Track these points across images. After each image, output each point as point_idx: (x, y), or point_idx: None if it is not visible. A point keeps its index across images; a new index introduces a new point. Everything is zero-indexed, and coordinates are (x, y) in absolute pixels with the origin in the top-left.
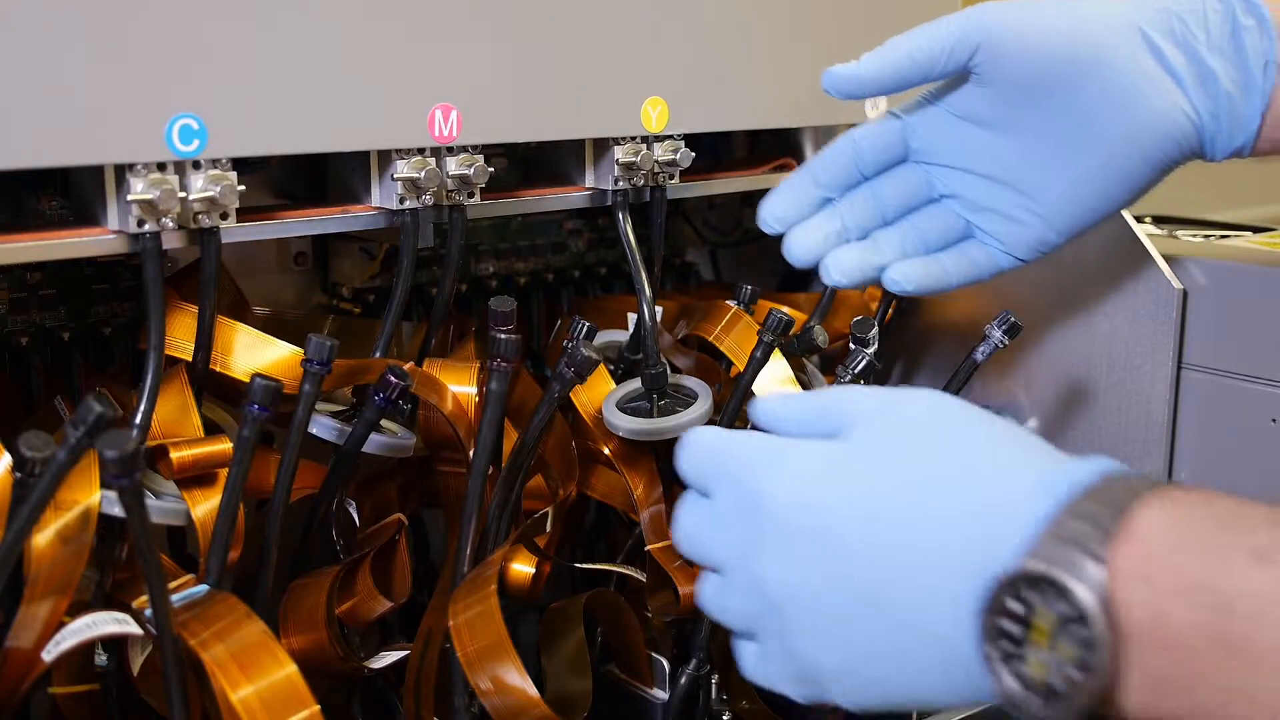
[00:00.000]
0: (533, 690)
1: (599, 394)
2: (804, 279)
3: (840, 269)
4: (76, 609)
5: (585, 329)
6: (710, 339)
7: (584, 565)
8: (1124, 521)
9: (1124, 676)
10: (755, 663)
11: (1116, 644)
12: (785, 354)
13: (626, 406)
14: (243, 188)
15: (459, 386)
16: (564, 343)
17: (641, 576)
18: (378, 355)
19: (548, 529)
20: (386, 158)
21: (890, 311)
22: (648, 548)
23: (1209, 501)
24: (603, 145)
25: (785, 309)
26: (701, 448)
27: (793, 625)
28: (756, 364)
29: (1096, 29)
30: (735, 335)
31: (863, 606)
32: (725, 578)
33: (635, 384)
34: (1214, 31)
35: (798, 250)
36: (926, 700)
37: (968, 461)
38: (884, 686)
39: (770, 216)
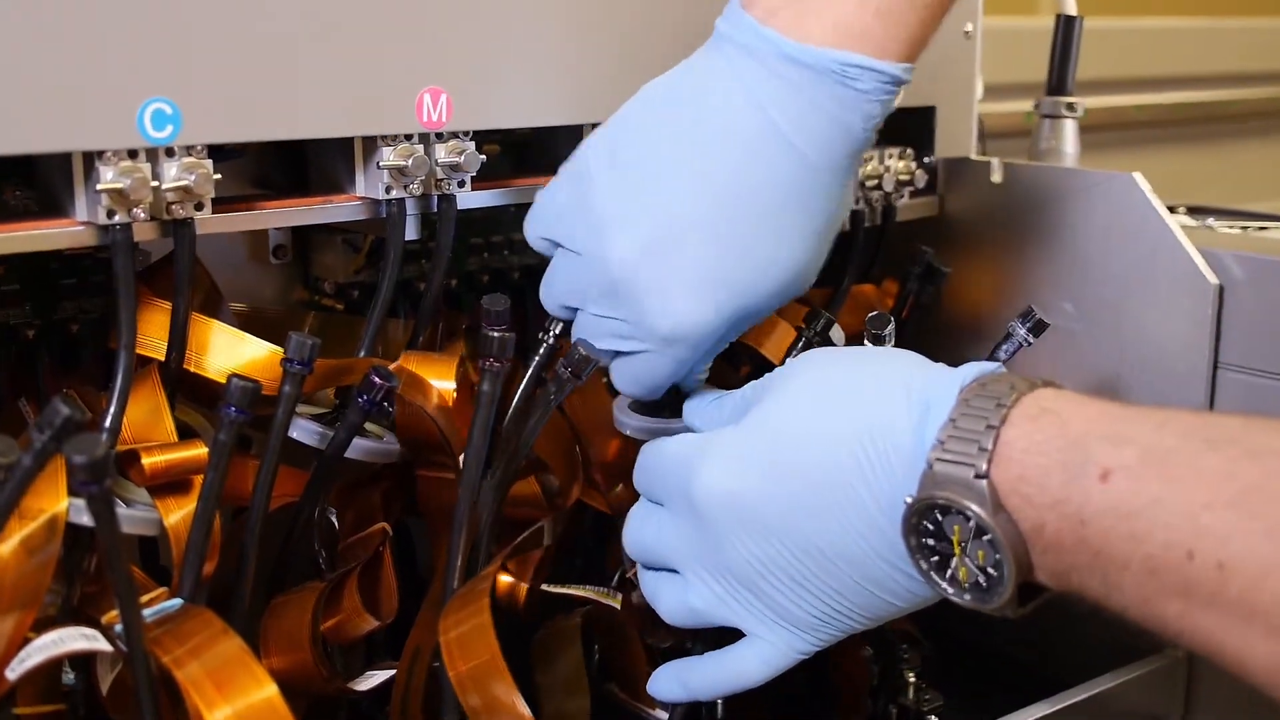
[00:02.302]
0: (526, 711)
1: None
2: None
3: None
4: (42, 624)
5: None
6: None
7: (560, 589)
8: (996, 442)
9: (1034, 566)
10: (758, 656)
11: (1017, 543)
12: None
13: (638, 406)
14: (219, 176)
15: (437, 381)
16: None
17: (615, 604)
18: (362, 355)
19: (546, 541)
20: (372, 144)
21: (908, 307)
22: (629, 573)
23: (1060, 420)
24: None
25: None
26: (646, 460)
27: (772, 596)
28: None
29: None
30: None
31: (807, 555)
32: (686, 577)
33: None
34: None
35: None
36: (893, 614)
37: (844, 409)
38: (857, 619)
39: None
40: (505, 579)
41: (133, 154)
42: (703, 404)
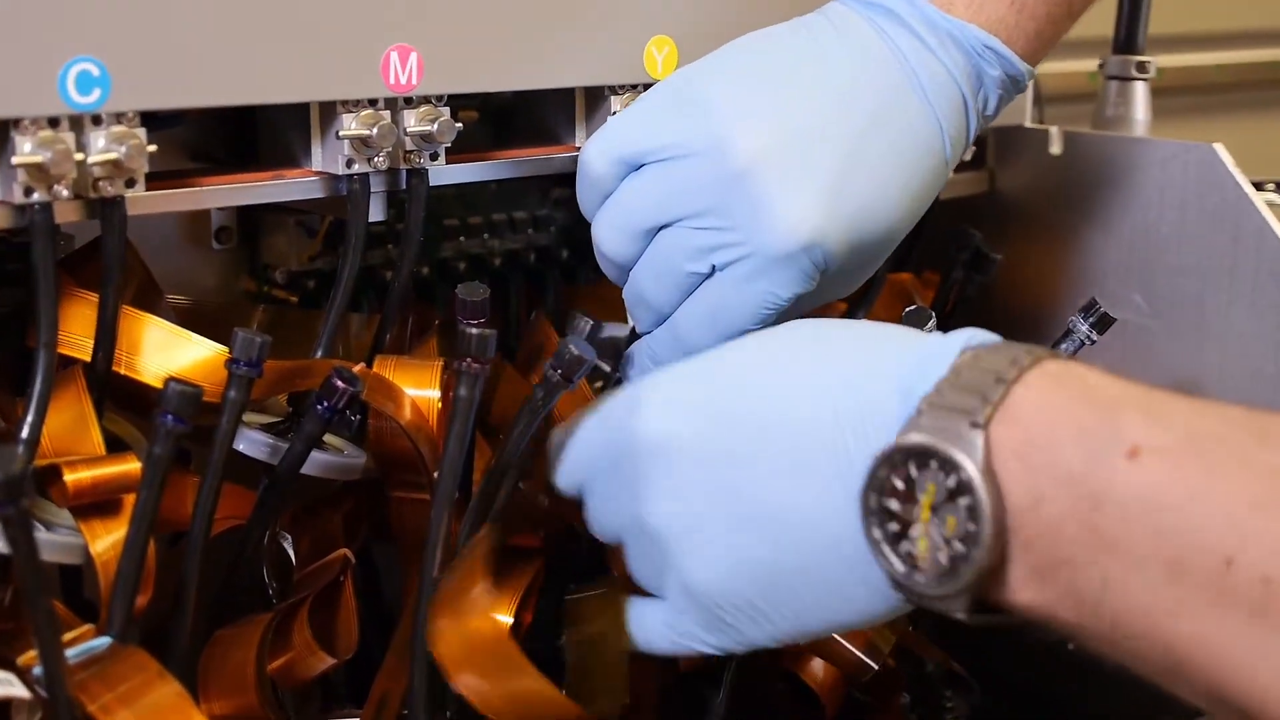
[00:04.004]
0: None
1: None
2: None
3: None
4: None
5: (588, 326)
6: None
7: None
8: (1005, 394)
9: (1009, 557)
10: (665, 627)
11: (1001, 515)
12: None
13: None
14: (153, 148)
15: (418, 390)
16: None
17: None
18: (320, 354)
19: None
20: (330, 111)
21: (952, 300)
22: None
23: (1085, 384)
24: (597, 96)
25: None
26: (565, 438)
27: (686, 561)
28: None
29: None
30: None
31: (750, 524)
32: (628, 547)
33: None
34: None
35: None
36: (845, 620)
37: (828, 352)
38: (797, 611)
39: None
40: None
41: (53, 122)
42: None
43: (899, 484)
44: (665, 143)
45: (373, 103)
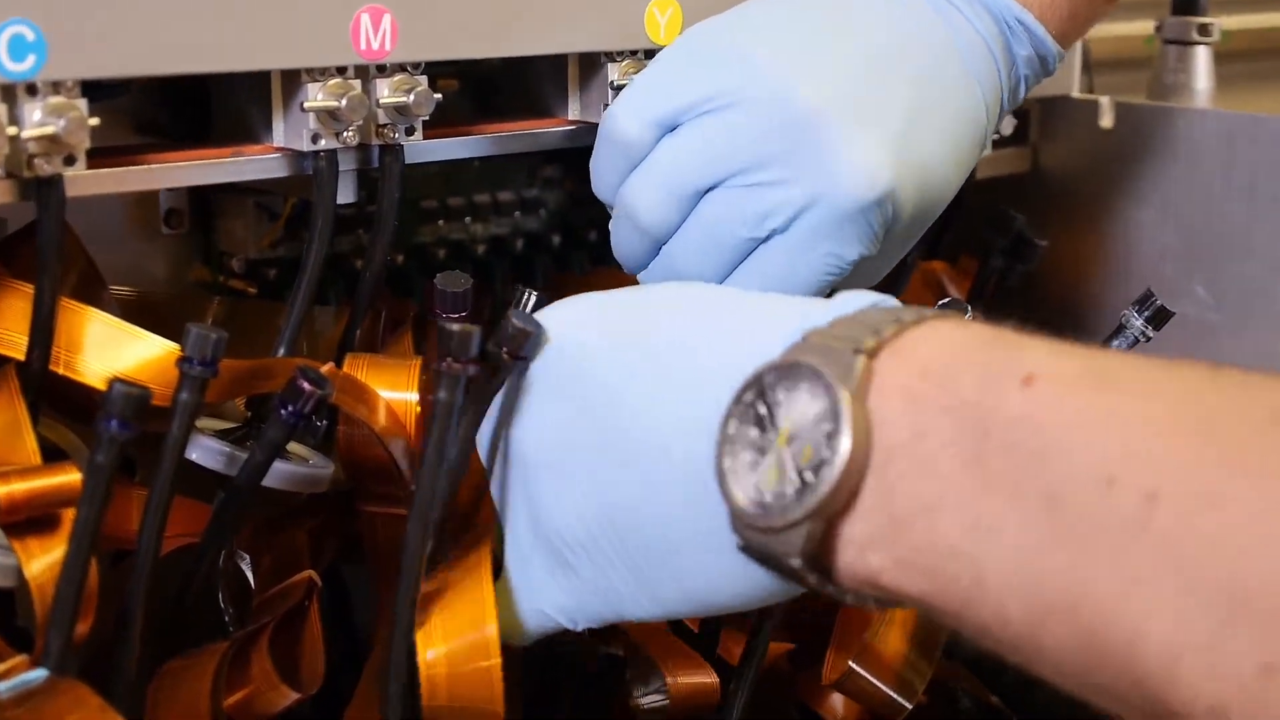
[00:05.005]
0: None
1: None
2: None
3: None
4: None
5: (532, 299)
6: None
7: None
8: (900, 332)
9: (860, 507)
10: (514, 575)
11: (863, 447)
12: None
13: None
14: (95, 121)
15: (393, 392)
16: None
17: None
18: (282, 352)
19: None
20: (294, 80)
21: (991, 291)
22: None
23: (993, 330)
24: (593, 63)
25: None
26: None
27: (538, 489)
28: None
29: None
30: None
31: (611, 451)
32: (495, 468)
33: None
34: None
35: None
36: (695, 586)
37: (745, 300)
38: (644, 563)
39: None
40: None
41: None
42: None
43: (762, 410)
44: (711, 93)
45: (341, 71)
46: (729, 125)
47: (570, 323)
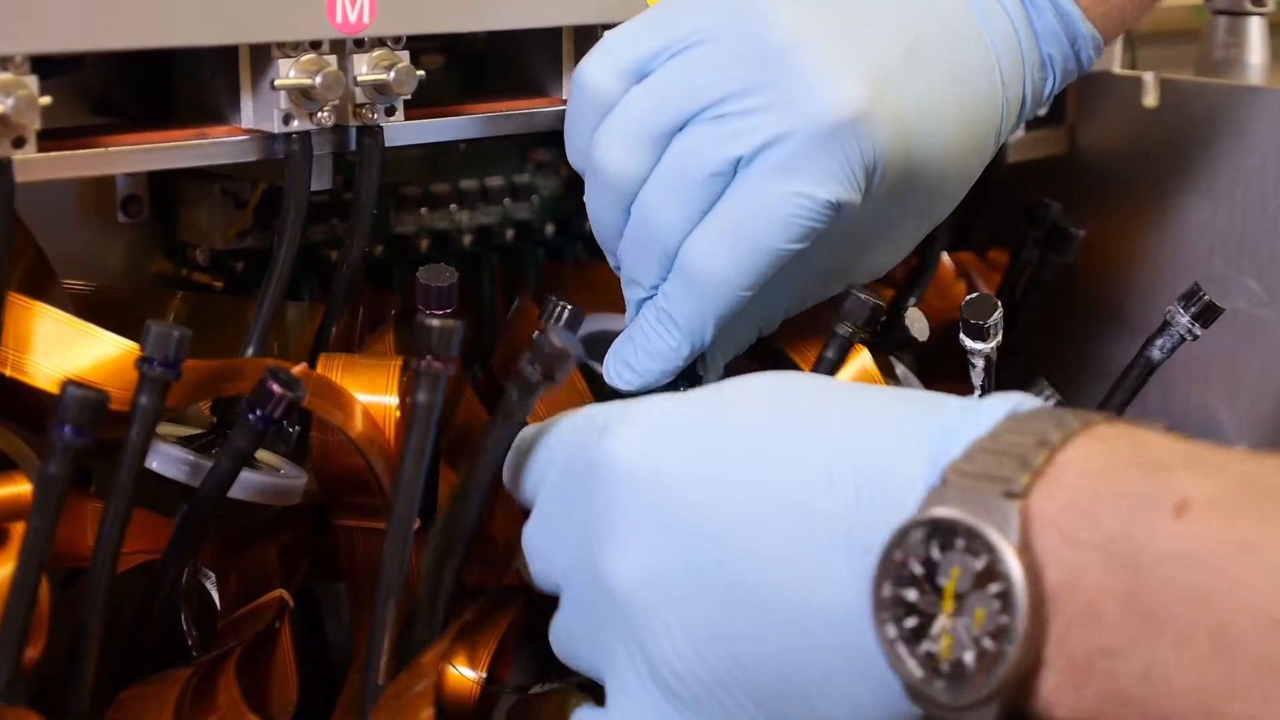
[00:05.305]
0: None
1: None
2: None
3: None
4: None
5: (565, 311)
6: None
7: (542, 689)
8: (1050, 458)
9: (1045, 658)
10: (621, 709)
11: (1039, 604)
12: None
13: None
14: (47, 100)
15: (371, 396)
16: (534, 333)
17: None
18: (251, 352)
19: (494, 618)
20: (264, 56)
21: (1023, 285)
22: None
23: (1135, 442)
24: (589, 38)
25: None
26: (522, 442)
27: (650, 630)
28: (828, 367)
29: None
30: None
31: (736, 599)
32: (566, 595)
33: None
34: None
35: None
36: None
37: (849, 406)
38: (785, 711)
39: None
40: (457, 671)
41: None
42: None
43: (918, 569)
44: (683, 34)
45: (315, 45)
46: (699, 60)
47: (648, 448)
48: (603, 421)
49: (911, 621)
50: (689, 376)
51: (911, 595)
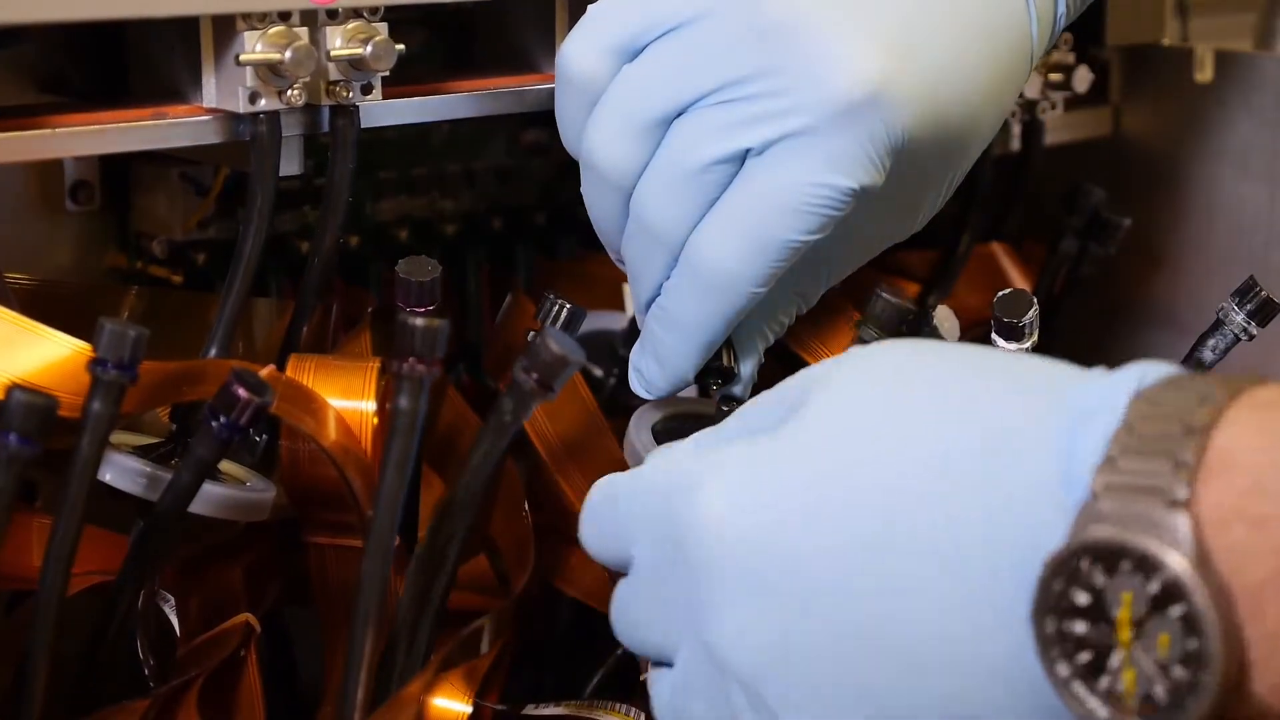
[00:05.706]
0: None
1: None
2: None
3: None
4: None
5: (564, 310)
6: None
7: (543, 714)
8: (1203, 446)
9: (1253, 661)
10: None
11: (1231, 616)
12: None
13: (665, 426)
14: None
15: (346, 401)
16: (529, 334)
17: (609, 716)
18: (214, 353)
19: (486, 647)
20: (227, 28)
21: (1062, 280)
22: (645, 675)
23: None
24: (582, 6)
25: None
26: (603, 499)
27: (778, 700)
28: None
29: None
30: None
31: (867, 654)
32: (680, 668)
33: (686, 399)
34: None
35: None
36: None
37: (958, 412)
38: None
39: None
40: (441, 704)
41: None
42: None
43: (1082, 599)
44: (675, 8)
45: (284, 16)
46: (696, 39)
47: (753, 488)
48: (681, 477)
49: (1084, 656)
50: (719, 372)
51: (1080, 628)
